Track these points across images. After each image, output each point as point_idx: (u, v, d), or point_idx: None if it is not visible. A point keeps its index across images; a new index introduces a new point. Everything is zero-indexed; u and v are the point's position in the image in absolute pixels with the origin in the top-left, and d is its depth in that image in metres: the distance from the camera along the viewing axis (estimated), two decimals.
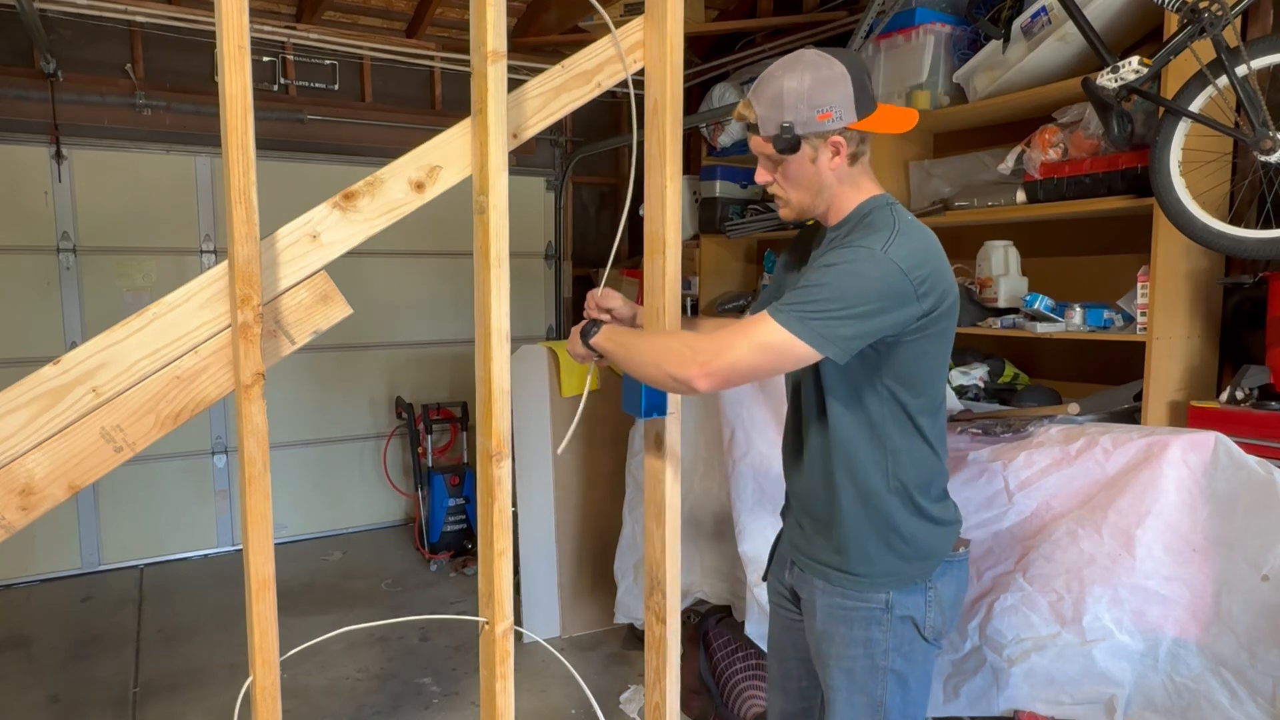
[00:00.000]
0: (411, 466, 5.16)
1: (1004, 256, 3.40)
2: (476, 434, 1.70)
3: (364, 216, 1.59)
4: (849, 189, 1.66)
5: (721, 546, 2.96)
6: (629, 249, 6.18)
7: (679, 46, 1.76)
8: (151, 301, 1.46)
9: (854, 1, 4.32)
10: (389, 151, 2.35)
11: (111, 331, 1.44)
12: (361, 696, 3.34)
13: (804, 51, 1.62)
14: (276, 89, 4.95)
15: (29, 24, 3.76)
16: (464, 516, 4.91)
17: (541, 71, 1.76)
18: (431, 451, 5.02)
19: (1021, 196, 3.21)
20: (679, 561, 1.89)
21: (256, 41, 4.54)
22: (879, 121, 1.61)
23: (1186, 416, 2.75)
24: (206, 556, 5.02)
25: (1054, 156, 3.08)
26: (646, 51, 1.80)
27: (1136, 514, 2.12)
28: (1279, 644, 1.89)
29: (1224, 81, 2.38)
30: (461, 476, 4.93)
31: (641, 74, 1.82)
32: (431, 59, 5.28)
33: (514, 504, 2.10)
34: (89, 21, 4.38)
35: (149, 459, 4.75)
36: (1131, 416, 2.87)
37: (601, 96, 1.82)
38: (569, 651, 3.70)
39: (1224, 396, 2.69)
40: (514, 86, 1.65)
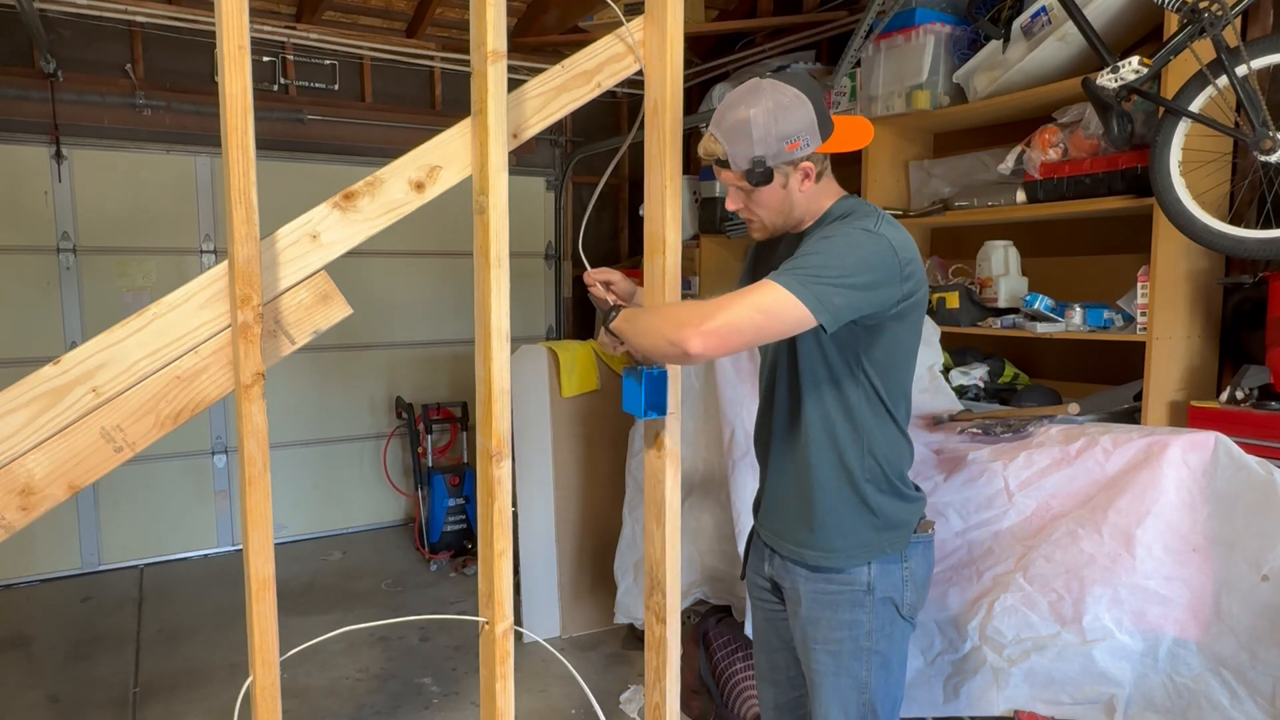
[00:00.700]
0: (411, 466, 5.16)
1: (1004, 256, 3.40)
2: (476, 434, 1.70)
3: (364, 216, 1.59)
4: (816, 201, 1.73)
5: (721, 546, 2.96)
6: (629, 249, 6.19)
7: (679, 46, 1.76)
8: (151, 301, 1.46)
9: (854, 1, 4.32)
10: (389, 151, 2.35)
11: (111, 331, 1.44)
12: (361, 696, 3.34)
13: (759, 81, 1.64)
14: (276, 89, 4.95)
15: (29, 24, 3.76)
16: (464, 516, 4.91)
17: (541, 71, 1.76)
18: (431, 451, 5.02)
19: (1021, 196, 3.22)
20: (679, 561, 1.90)
21: (256, 41, 4.54)
22: (841, 140, 1.66)
23: (1186, 416, 2.75)
24: (206, 556, 5.02)
25: (1054, 156, 3.08)
26: (646, 51, 1.80)
27: (1136, 514, 2.13)
28: (1279, 644, 1.89)
29: (1224, 81, 2.38)
30: (461, 476, 4.93)
31: (636, 75, 1.83)
32: (431, 59, 5.28)
33: (514, 504, 2.10)
34: (89, 21, 4.38)
35: (149, 459, 4.74)
36: (1131, 416, 2.87)
37: (601, 96, 1.82)
38: (569, 651, 3.70)
39: (1224, 396, 2.69)
40: (514, 86, 1.65)
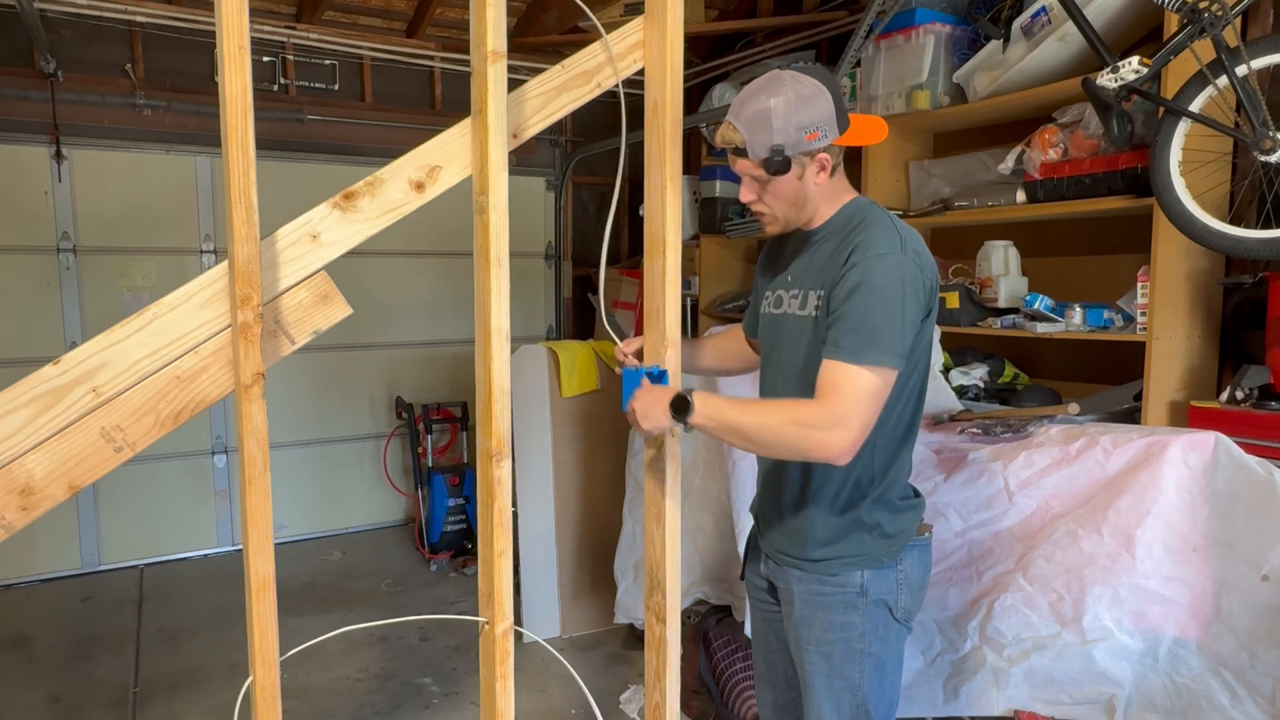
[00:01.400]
0: (411, 466, 5.16)
1: (1004, 256, 3.40)
2: (476, 434, 1.70)
3: (364, 216, 1.59)
4: (830, 198, 1.72)
5: (721, 546, 2.96)
6: (629, 249, 6.19)
7: (679, 46, 1.76)
8: (151, 301, 1.46)
9: (854, 1, 4.32)
10: (389, 151, 2.35)
11: (111, 331, 1.44)
12: (361, 696, 3.34)
13: (779, 72, 1.65)
14: (276, 89, 4.95)
15: (29, 24, 3.76)
16: (464, 516, 4.91)
17: (541, 71, 1.76)
18: (431, 451, 5.02)
19: (1021, 196, 3.21)
20: (679, 561, 1.90)
21: (256, 41, 4.54)
22: (856, 134, 1.67)
23: (1186, 416, 2.75)
24: (206, 556, 5.02)
25: (1054, 156, 3.08)
26: (646, 51, 1.80)
27: (1136, 514, 2.13)
28: (1279, 644, 1.89)
29: (1224, 81, 2.38)
30: (461, 476, 4.93)
31: (636, 75, 1.83)
32: (431, 59, 5.28)
33: (514, 504, 2.10)
34: (89, 21, 4.38)
35: (149, 459, 4.74)
36: (1131, 416, 2.87)
37: (601, 96, 1.82)
38: (569, 651, 3.70)
39: (1224, 396, 2.69)
40: (514, 86, 1.65)
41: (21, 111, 4.38)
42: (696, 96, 5.02)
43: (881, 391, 1.54)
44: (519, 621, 3.70)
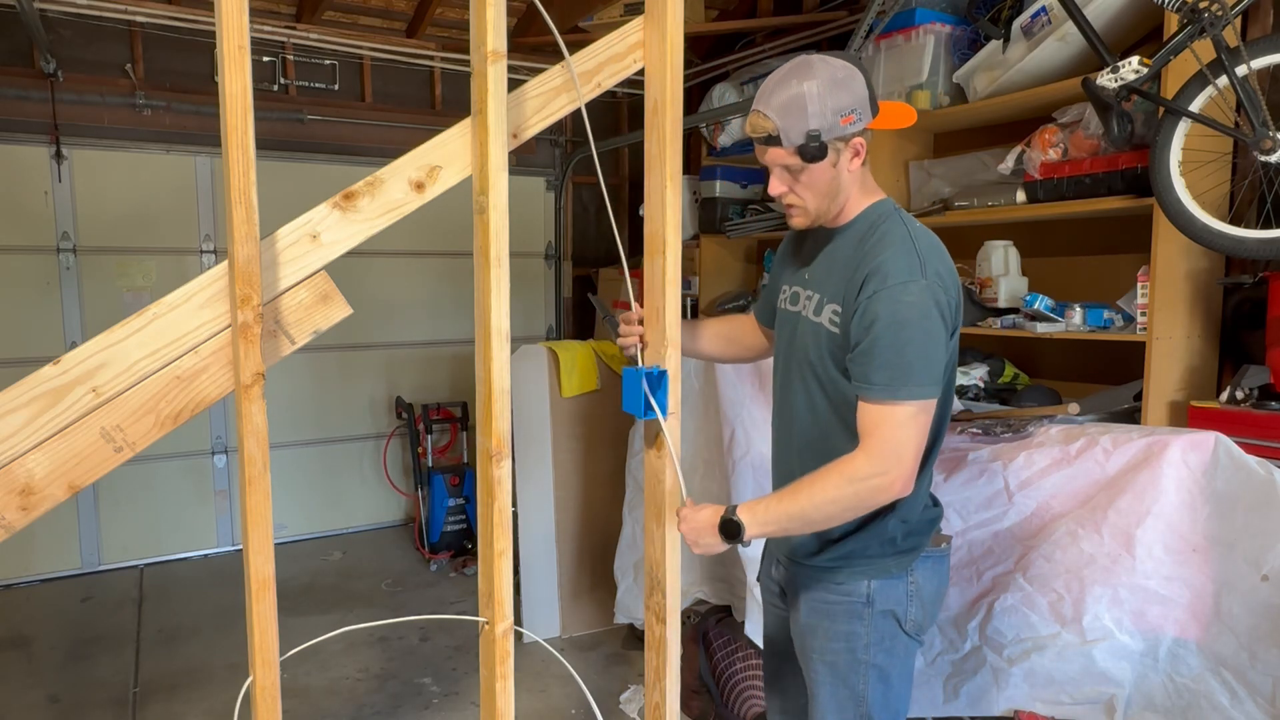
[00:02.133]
0: (411, 466, 5.16)
1: (1004, 256, 3.40)
2: (476, 434, 1.70)
3: (364, 216, 1.59)
4: (859, 191, 1.67)
5: None
6: (629, 249, 6.19)
7: (679, 46, 1.76)
8: (151, 301, 1.46)
9: (854, 1, 4.32)
10: (389, 151, 2.35)
11: (111, 331, 1.44)
12: (361, 696, 3.34)
13: (808, 56, 1.60)
14: (276, 89, 4.95)
15: (29, 24, 3.76)
16: (464, 516, 4.91)
17: (541, 71, 1.76)
18: (431, 451, 5.02)
19: (1021, 196, 3.21)
20: (679, 561, 1.90)
21: (256, 41, 4.54)
22: (888, 118, 1.63)
23: (1186, 416, 2.75)
24: (206, 556, 5.02)
25: (1054, 156, 3.08)
26: (646, 51, 1.80)
27: (1136, 514, 2.13)
28: (1279, 644, 1.89)
29: (1224, 81, 2.38)
30: (461, 476, 4.93)
31: (636, 75, 1.82)
32: (431, 59, 5.28)
33: (514, 504, 2.10)
34: (89, 21, 4.38)
35: (149, 459, 4.74)
36: (1131, 416, 2.87)
37: (602, 96, 1.82)
38: (569, 651, 3.70)
39: (1224, 396, 2.69)
40: (514, 86, 1.65)
41: (21, 111, 4.38)
42: (696, 96, 5.02)
43: (923, 420, 1.52)
44: (519, 621, 3.70)
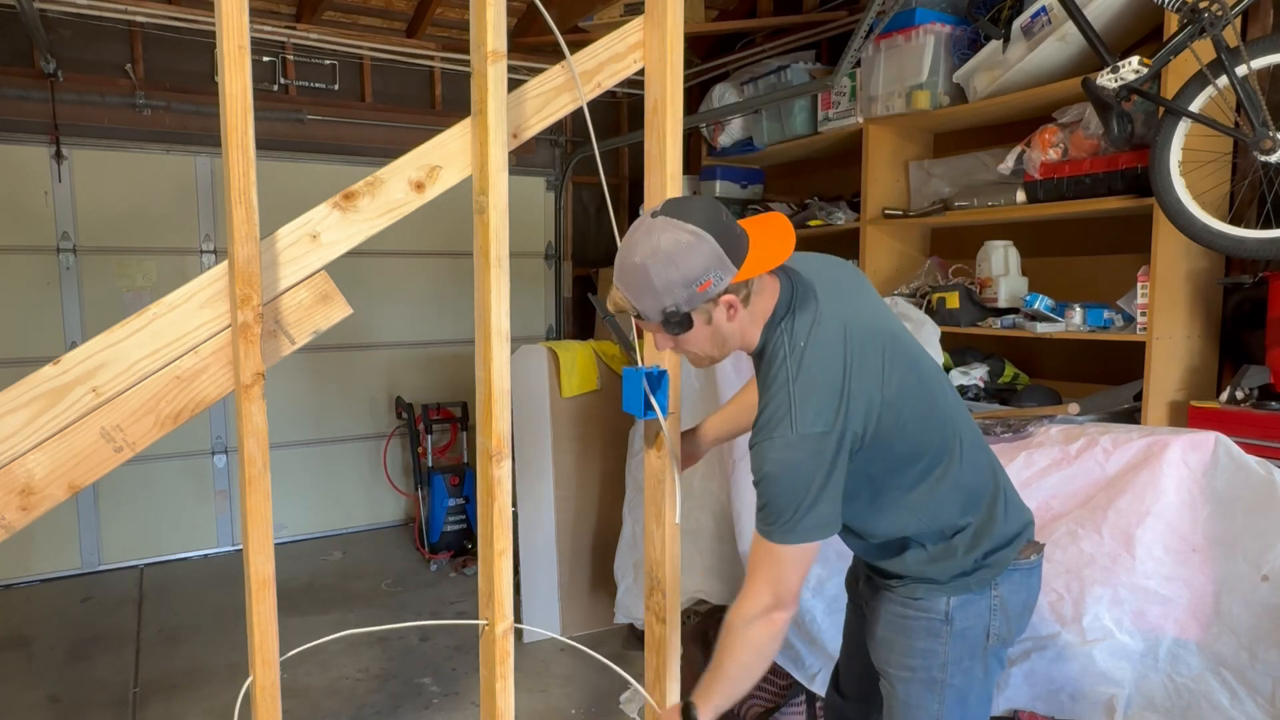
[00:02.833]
0: (411, 466, 5.16)
1: (1004, 256, 3.40)
2: (476, 434, 1.70)
3: (364, 216, 1.59)
4: (751, 326, 1.57)
5: (721, 547, 2.96)
6: None
7: (679, 46, 1.76)
8: (151, 301, 1.46)
9: (854, 1, 4.32)
10: (389, 151, 2.35)
11: (111, 331, 1.44)
12: (361, 696, 3.34)
13: (650, 221, 1.47)
14: (276, 89, 4.95)
15: (29, 24, 3.76)
16: (464, 516, 4.90)
17: (541, 71, 1.76)
18: (431, 451, 5.02)
19: (1021, 196, 3.22)
20: (679, 561, 1.90)
21: (256, 41, 4.54)
22: (758, 261, 1.49)
23: (1186, 416, 2.75)
24: (206, 556, 5.01)
25: (1054, 156, 3.08)
26: (646, 51, 1.80)
27: (1136, 514, 2.13)
28: (1279, 644, 1.89)
29: (1224, 81, 2.38)
30: (461, 476, 4.93)
31: (636, 75, 1.83)
32: (431, 59, 5.28)
33: (514, 504, 2.10)
34: (89, 21, 4.38)
35: (149, 459, 4.74)
36: (1131, 416, 2.87)
37: (601, 96, 1.82)
38: (569, 651, 3.70)
39: (1224, 396, 2.69)
40: (514, 86, 1.65)
41: (21, 111, 4.38)
42: (696, 96, 5.02)
43: (801, 558, 1.53)
44: (519, 621, 3.70)
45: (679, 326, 1.50)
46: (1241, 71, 2.34)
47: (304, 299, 1.57)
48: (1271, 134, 2.31)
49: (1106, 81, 2.62)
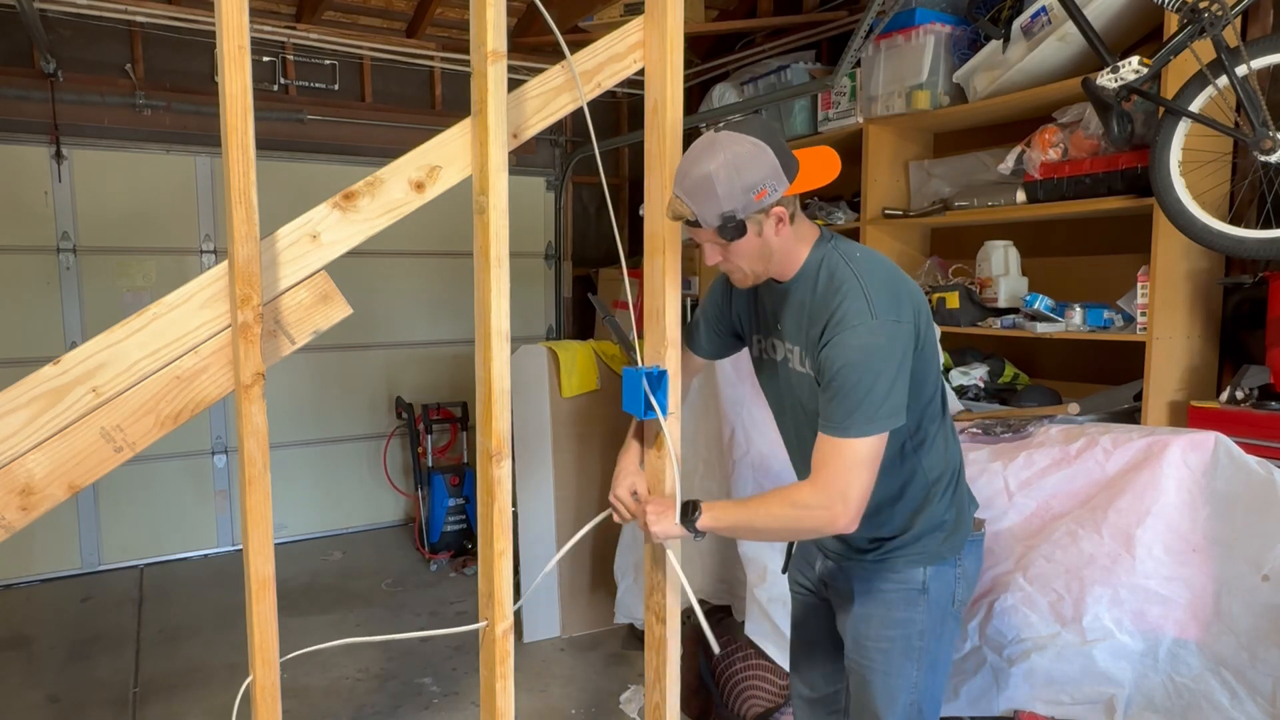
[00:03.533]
0: (411, 466, 5.16)
1: (1004, 256, 3.40)
2: (476, 434, 1.70)
3: (364, 216, 1.59)
4: (795, 244, 1.68)
5: (721, 547, 2.96)
6: (629, 249, 6.18)
7: (679, 46, 1.76)
8: (151, 301, 1.46)
9: (854, 1, 4.32)
10: (389, 151, 2.35)
11: (111, 331, 1.44)
12: (361, 696, 3.34)
13: (713, 135, 1.59)
14: (276, 89, 4.95)
15: (29, 24, 3.76)
16: (464, 516, 4.91)
17: (541, 71, 1.76)
18: (431, 451, 5.02)
19: (1021, 196, 3.21)
20: (679, 561, 1.90)
21: (256, 41, 4.54)
22: (806, 179, 1.61)
23: (1186, 416, 2.75)
24: (206, 556, 5.02)
25: (1054, 156, 3.08)
26: (646, 51, 1.80)
27: (1136, 514, 2.13)
28: (1279, 644, 1.89)
29: (1224, 81, 2.38)
30: (461, 476, 4.93)
31: (636, 75, 1.82)
32: (431, 59, 5.28)
33: (514, 504, 2.10)
34: (89, 21, 4.38)
35: (149, 459, 4.74)
36: (1131, 416, 2.87)
37: (601, 96, 1.82)
38: (569, 651, 3.70)
39: (1224, 396, 2.69)
40: (514, 86, 1.65)
41: (21, 111, 4.38)
42: (696, 96, 5.02)
43: (873, 457, 1.57)
44: (519, 621, 3.70)
45: (734, 233, 1.59)
46: (1241, 71, 2.34)
47: (304, 299, 1.57)
48: (1271, 134, 2.31)
49: (1106, 81, 2.62)
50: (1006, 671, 2.16)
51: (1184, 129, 2.51)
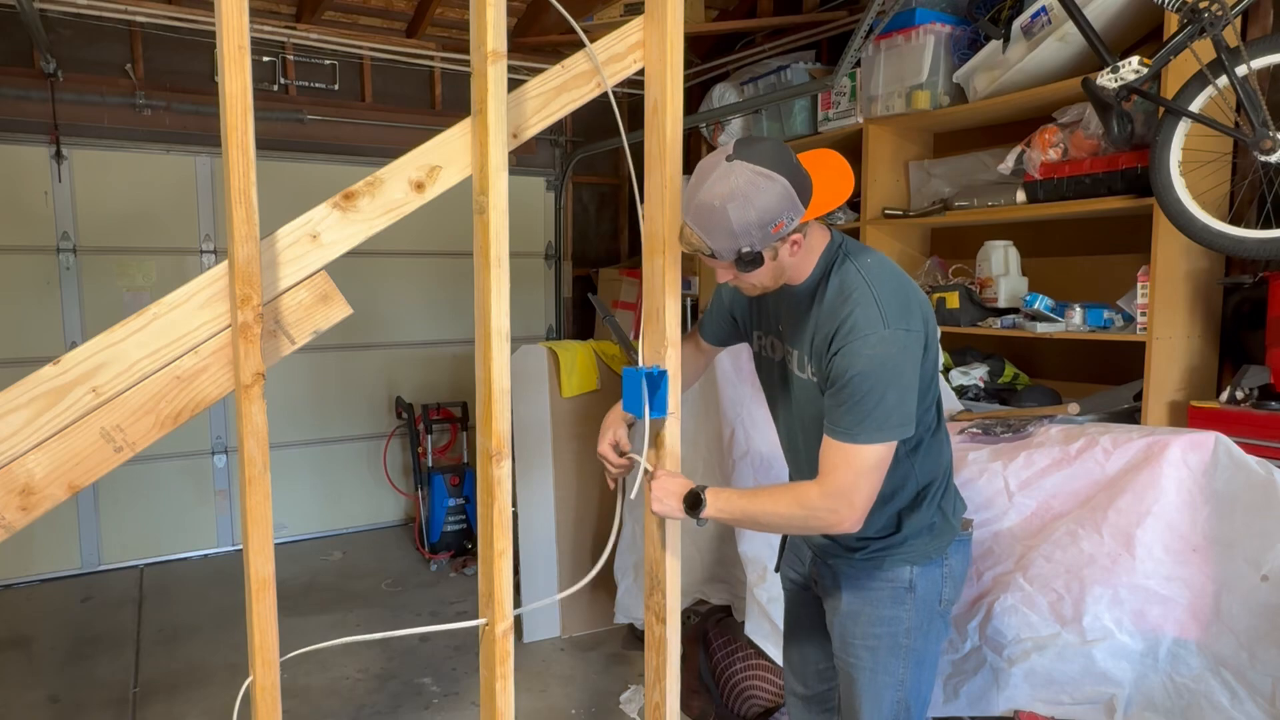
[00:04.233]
0: (411, 466, 5.16)
1: (1004, 256, 3.40)
2: (476, 434, 1.70)
3: (364, 216, 1.59)
4: (806, 258, 1.67)
5: (721, 547, 2.96)
6: (629, 249, 6.19)
7: (679, 46, 1.76)
8: (151, 301, 1.46)
9: (854, 1, 4.32)
10: (389, 151, 2.35)
11: (111, 331, 1.44)
12: (361, 696, 3.34)
13: (728, 166, 1.53)
14: (276, 89, 4.95)
15: (29, 24, 3.76)
16: (464, 516, 4.91)
17: (541, 71, 1.76)
18: (431, 451, 5.02)
19: (1021, 196, 3.21)
20: (679, 561, 1.90)
21: (256, 41, 4.54)
22: (822, 200, 1.58)
23: (1186, 416, 2.75)
24: (206, 556, 5.02)
25: (1054, 156, 3.08)
26: (646, 51, 1.80)
27: (1136, 514, 2.13)
28: (1279, 644, 1.89)
29: (1224, 81, 2.38)
30: (461, 476, 4.93)
31: (636, 75, 1.82)
32: (431, 59, 5.28)
33: (514, 504, 2.10)
34: (89, 21, 4.38)
35: (149, 459, 4.74)
36: (1131, 416, 2.87)
37: (601, 96, 1.82)
38: (569, 651, 3.70)
39: (1224, 396, 2.69)
40: (514, 86, 1.65)
41: (21, 111, 4.38)
42: (696, 96, 5.02)
43: (881, 463, 1.58)
44: (519, 621, 3.70)
45: (750, 265, 1.58)
46: (1241, 71, 2.34)
47: (304, 299, 1.57)
48: (1271, 134, 2.31)
49: (1106, 81, 2.62)
50: (1006, 671, 2.16)
51: (1184, 129, 2.51)
